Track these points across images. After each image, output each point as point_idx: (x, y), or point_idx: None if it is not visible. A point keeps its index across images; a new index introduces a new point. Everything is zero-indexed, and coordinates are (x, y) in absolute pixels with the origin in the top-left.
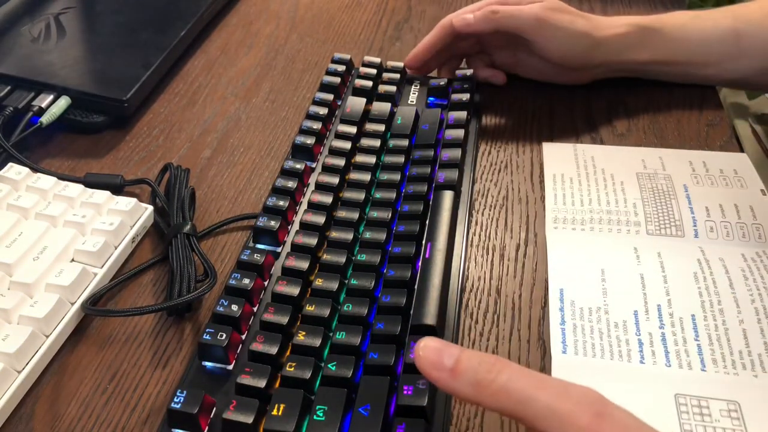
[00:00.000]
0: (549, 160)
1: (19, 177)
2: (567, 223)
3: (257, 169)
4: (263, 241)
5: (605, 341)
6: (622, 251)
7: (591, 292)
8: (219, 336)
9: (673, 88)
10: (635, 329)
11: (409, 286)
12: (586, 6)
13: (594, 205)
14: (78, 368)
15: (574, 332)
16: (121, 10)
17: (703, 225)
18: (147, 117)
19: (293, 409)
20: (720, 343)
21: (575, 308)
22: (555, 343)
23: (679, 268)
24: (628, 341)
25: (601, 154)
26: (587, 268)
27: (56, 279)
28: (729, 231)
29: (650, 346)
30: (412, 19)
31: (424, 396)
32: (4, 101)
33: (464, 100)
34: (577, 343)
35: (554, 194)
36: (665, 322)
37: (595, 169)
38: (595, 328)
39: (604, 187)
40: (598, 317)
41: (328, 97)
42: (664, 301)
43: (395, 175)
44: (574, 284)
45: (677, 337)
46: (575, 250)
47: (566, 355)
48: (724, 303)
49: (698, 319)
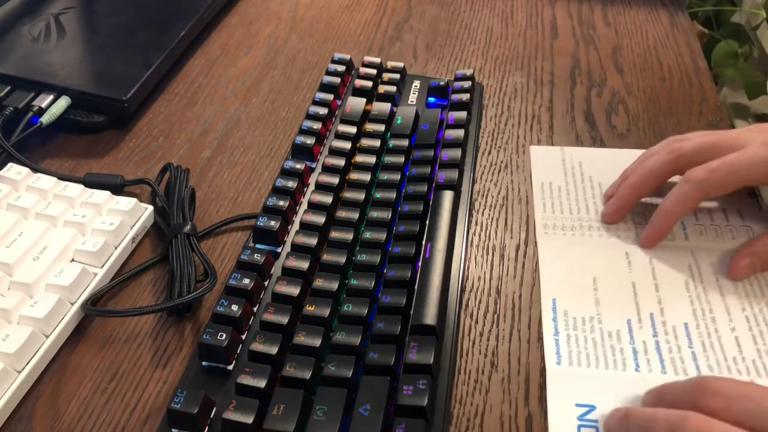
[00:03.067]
0: (537, 166)
1: (19, 177)
2: (557, 229)
3: (257, 169)
4: (263, 241)
5: (599, 351)
6: (613, 258)
7: (584, 302)
8: (219, 336)
9: (673, 88)
10: (629, 338)
11: (409, 286)
12: (586, 6)
13: (583, 214)
14: (78, 368)
15: (568, 343)
16: (121, 10)
17: (692, 228)
18: (147, 117)
19: (293, 409)
20: (714, 349)
21: (568, 318)
22: (549, 354)
23: (671, 275)
24: (623, 350)
25: (588, 159)
26: (579, 278)
27: (56, 279)
28: (719, 233)
29: (645, 354)
30: (412, 19)
31: (424, 396)
32: (4, 101)
33: (464, 100)
34: (571, 354)
35: (543, 203)
36: (658, 330)
37: (582, 177)
38: (588, 338)
39: (593, 196)
40: (592, 327)
41: (328, 97)
42: (656, 310)
43: (395, 175)
44: (567, 294)
45: (671, 345)
46: (567, 258)
47: (561, 366)
48: (716, 311)
49: (691, 327)
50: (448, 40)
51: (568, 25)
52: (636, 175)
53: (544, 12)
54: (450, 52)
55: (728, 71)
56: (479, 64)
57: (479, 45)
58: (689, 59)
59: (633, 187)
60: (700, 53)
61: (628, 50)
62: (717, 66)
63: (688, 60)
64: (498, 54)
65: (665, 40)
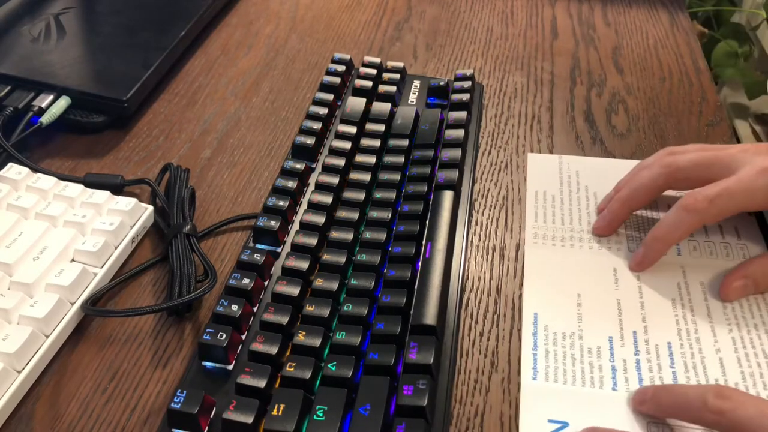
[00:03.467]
0: (532, 174)
1: (19, 177)
2: (547, 240)
3: (257, 169)
4: (263, 241)
5: (577, 367)
6: (601, 273)
7: (566, 317)
8: (219, 336)
9: (673, 88)
10: (609, 355)
11: (409, 286)
12: (586, 6)
13: (575, 224)
14: (78, 368)
15: (546, 358)
16: (121, 10)
17: (685, 243)
18: (147, 117)
19: (293, 409)
20: (696, 370)
21: (548, 333)
22: (525, 369)
23: (658, 294)
24: (602, 367)
25: (587, 168)
26: (564, 292)
27: (56, 279)
28: (713, 250)
29: (624, 372)
30: (412, 19)
31: (424, 396)
32: (4, 101)
33: (464, 100)
34: (548, 369)
35: (535, 212)
36: (640, 348)
37: (578, 187)
38: (568, 354)
39: (587, 207)
40: (572, 342)
41: (328, 97)
42: (640, 328)
43: (395, 175)
44: (549, 308)
45: (652, 364)
46: (553, 271)
47: (536, 382)
48: (701, 332)
49: (674, 347)
50: (448, 40)
51: (568, 25)
52: (629, 188)
53: (544, 12)
54: (450, 52)
55: (728, 71)
56: (479, 64)
57: (479, 45)
58: (689, 59)
59: (624, 201)
60: (700, 53)
61: (628, 50)
62: (717, 66)
63: (688, 60)
64: (498, 54)
65: (665, 40)
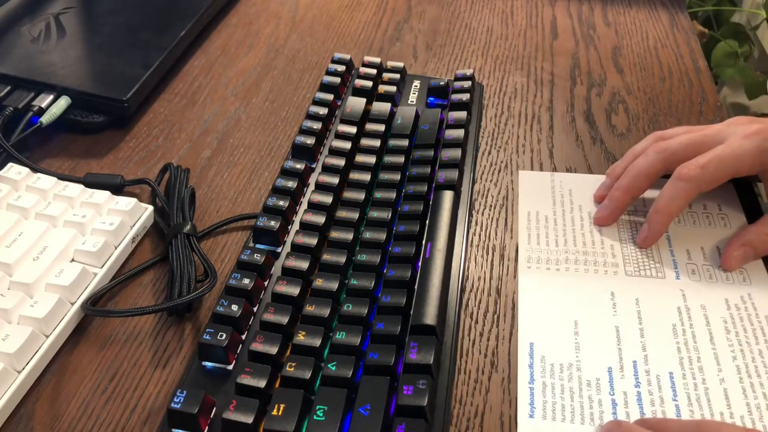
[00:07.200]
0: (524, 193)
1: (19, 177)
2: (541, 263)
3: (257, 169)
4: (263, 241)
5: (576, 402)
6: (597, 298)
7: (563, 347)
8: (219, 336)
9: (673, 88)
10: (609, 388)
11: (409, 286)
12: (586, 6)
13: (570, 246)
14: (78, 368)
15: (543, 392)
16: (121, 10)
17: (684, 267)
18: (147, 117)
19: (293, 409)
20: (700, 403)
21: (545, 364)
22: (522, 405)
23: (657, 319)
24: (601, 402)
25: (580, 186)
26: (560, 320)
27: (56, 279)
28: (711, 274)
29: (625, 406)
30: (412, 19)
31: (424, 396)
32: (4, 101)
33: (464, 100)
34: (546, 405)
35: (528, 234)
36: (641, 380)
37: (572, 206)
38: (566, 387)
39: (581, 227)
40: (570, 374)
41: (328, 97)
42: (640, 357)
43: (395, 175)
44: (546, 338)
45: (654, 397)
46: (548, 297)
47: (534, 420)
48: (704, 360)
49: (676, 377)
50: (448, 40)
51: (568, 25)
52: (628, 176)
53: (544, 12)
54: (450, 52)
55: (728, 71)
56: (479, 64)
57: (479, 45)
58: (689, 59)
59: (626, 188)
60: (700, 53)
61: (628, 50)
62: (717, 66)
63: (688, 60)
64: (498, 54)
65: (665, 40)
